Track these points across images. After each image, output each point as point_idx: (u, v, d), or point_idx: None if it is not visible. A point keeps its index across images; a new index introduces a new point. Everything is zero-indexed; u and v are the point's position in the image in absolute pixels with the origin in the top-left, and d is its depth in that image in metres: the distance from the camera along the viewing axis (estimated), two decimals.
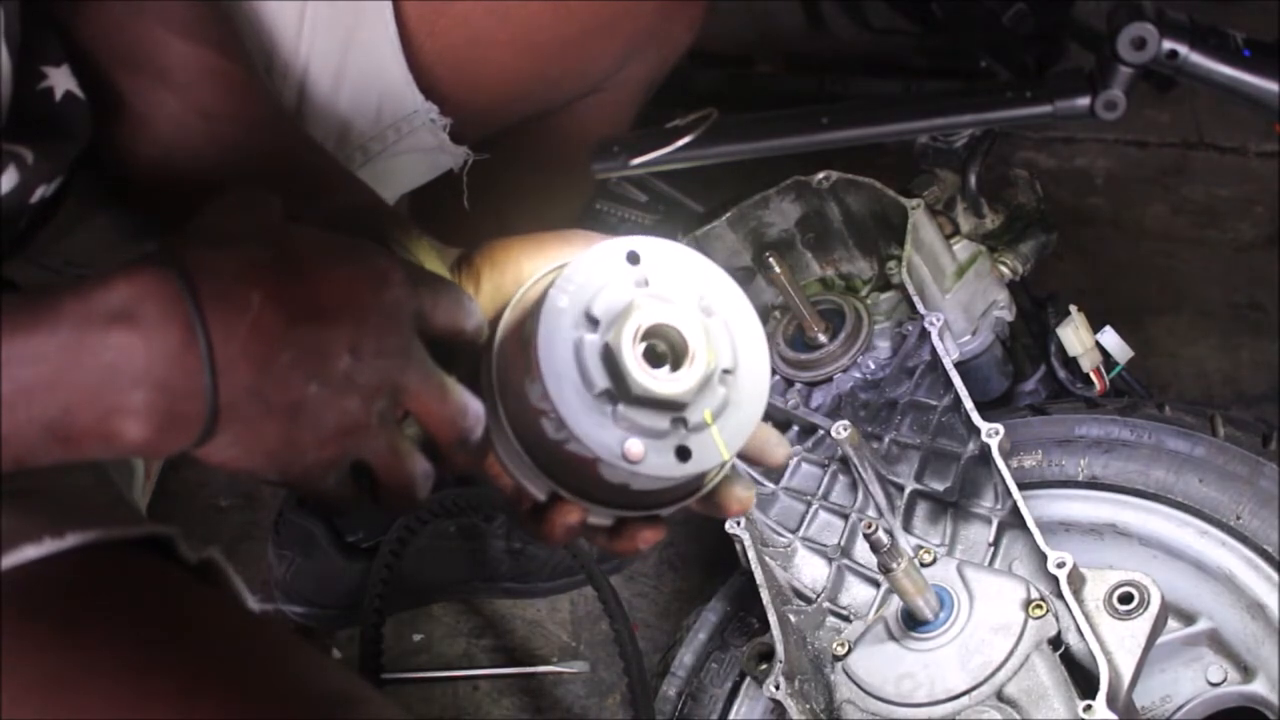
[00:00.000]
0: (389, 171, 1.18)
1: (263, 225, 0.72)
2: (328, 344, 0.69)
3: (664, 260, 0.77)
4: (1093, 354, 1.35)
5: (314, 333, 0.69)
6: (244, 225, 0.72)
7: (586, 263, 0.75)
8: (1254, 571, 1.12)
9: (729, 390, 0.77)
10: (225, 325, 0.66)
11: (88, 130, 0.90)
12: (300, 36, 1.12)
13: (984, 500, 1.17)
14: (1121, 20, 1.12)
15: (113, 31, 0.93)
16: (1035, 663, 1.03)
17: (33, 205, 0.87)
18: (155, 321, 0.65)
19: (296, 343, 0.68)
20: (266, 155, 0.98)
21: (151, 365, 0.65)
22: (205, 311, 0.66)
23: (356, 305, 0.70)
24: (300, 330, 0.68)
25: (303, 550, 1.51)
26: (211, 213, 0.72)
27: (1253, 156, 1.97)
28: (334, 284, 0.70)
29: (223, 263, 0.68)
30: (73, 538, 0.73)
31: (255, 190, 0.74)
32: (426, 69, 1.16)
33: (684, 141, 1.25)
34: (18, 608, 0.69)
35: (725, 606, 1.27)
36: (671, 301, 0.76)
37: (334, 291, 0.70)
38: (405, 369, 0.72)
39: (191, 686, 0.68)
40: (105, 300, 0.65)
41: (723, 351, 0.77)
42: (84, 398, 0.65)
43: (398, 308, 0.72)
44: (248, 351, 0.67)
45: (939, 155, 1.38)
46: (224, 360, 0.66)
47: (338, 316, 0.70)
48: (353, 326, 0.70)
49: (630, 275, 0.76)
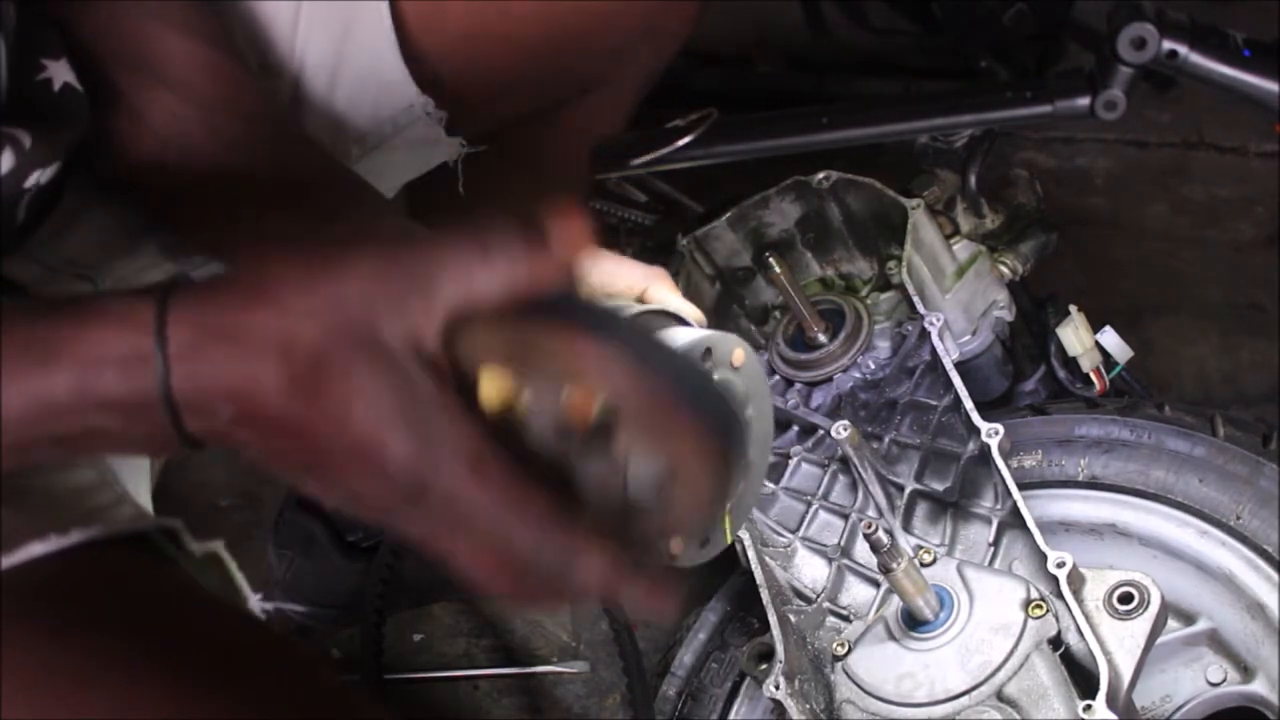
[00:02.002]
0: (385, 165, 1.18)
1: (302, 324, 0.61)
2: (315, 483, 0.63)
3: (726, 354, 0.77)
4: (1093, 354, 1.35)
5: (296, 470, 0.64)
6: (276, 314, 0.62)
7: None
8: (1254, 571, 1.12)
9: (742, 482, 0.79)
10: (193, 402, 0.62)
11: (86, 120, 0.90)
12: (296, 33, 1.12)
13: (984, 500, 1.17)
14: (1121, 20, 1.12)
15: (110, 27, 0.93)
16: (1035, 663, 1.03)
17: (28, 191, 0.87)
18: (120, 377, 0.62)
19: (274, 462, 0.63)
20: (262, 152, 0.98)
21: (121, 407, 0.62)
22: (173, 391, 0.61)
23: (361, 465, 0.61)
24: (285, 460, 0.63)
25: (303, 550, 1.52)
26: (275, 274, 0.63)
27: (1253, 156, 1.97)
28: (334, 438, 0.61)
29: (215, 354, 0.61)
30: (77, 534, 0.73)
31: (341, 281, 0.63)
32: (423, 63, 1.17)
33: (684, 141, 1.25)
34: (18, 607, 0.69)
35: (725, 606, 1.27)
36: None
37: (334, 446, 0.61)
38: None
39: (188, 688, 0.68)
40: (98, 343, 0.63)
41: (751, 449, 0.79)
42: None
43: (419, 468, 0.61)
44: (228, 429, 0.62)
45: (939, 155, 1.38)
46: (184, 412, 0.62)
47: (331, 468, 0.62)
48: (358, 479, 0.62)
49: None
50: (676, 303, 0.86)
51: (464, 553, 0.63)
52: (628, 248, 1.70)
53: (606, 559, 0.62)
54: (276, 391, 0.60)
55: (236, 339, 0.61)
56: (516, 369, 0.63)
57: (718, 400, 0.64)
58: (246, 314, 0.61)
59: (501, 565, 0.62)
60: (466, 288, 0.62)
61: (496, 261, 0.62)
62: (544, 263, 0.62)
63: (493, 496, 0.61)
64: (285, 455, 0.62)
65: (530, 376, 0.63)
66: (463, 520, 0.61)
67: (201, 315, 0.62)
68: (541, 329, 0.62)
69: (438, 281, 0.61)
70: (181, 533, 0.79)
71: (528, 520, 0.61)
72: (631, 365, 0.61)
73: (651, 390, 0.61)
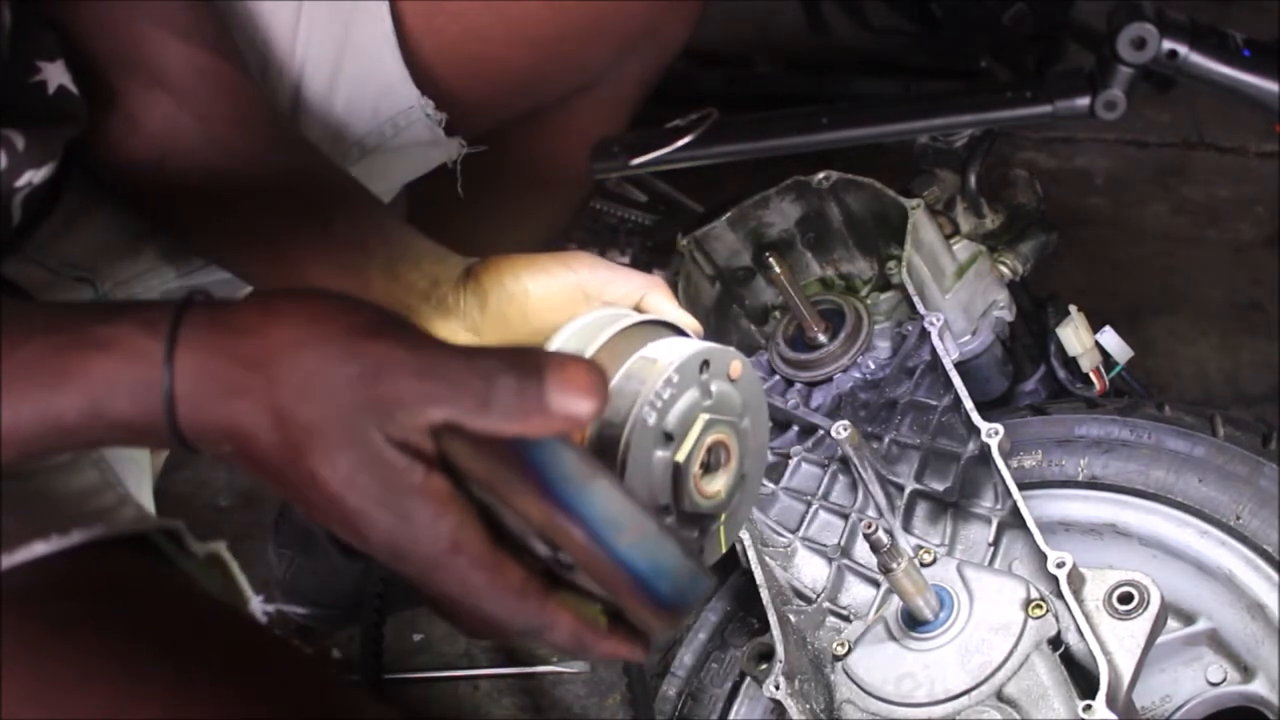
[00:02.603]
0: (385, 165, 1.18)
1: (293, 373, 0.64)
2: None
3: (723, 366, 0.80)
4: (1092, 354, 1.35)
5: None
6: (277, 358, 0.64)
7: (673, 372, 0.77)
8: (1254, 571, 1.12)
9: (738, 493, 0.82)
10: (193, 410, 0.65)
11: (81, 121, 0.90)
12: (296, 36, 1.12)
13: (984, 500, 1.17)
14: (1121, 20, 1.12)
15: (107, 31, 0.93)
16: (1035, 663, 1.03)
17: (20, 189, 0.87)
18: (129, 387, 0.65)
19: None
20: (258, 157, 0.98)
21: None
22: (176, 398, 0.64)
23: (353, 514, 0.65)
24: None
25: (303, 550, 1.52)
26: (276, 318, 0.65)
27: (1253, 156, 1.97)
28: (326, 486, 0.64)
29: (218, 401, 0.64)
30: (78, 535, 0.73)
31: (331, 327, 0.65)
32: (423, 64, 1.17)
33: (684, 141, 1.25)
34: (19, 607, 0.69)
35: (725, 606, 1.27)
36: (729, 417, 0.79)
37: (324, 494, 0.64)
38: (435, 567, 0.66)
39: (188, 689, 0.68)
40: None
41: (746, 460, 0.81)
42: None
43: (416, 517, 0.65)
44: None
45: (939, 155, 1.38)
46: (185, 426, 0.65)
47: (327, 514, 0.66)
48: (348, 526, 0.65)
49: (699, 386, 0.78)
50: (674, 313, 0.87)
51: (441, 600, 0.67)
52: (628, 248, 1.70)
53: (576, 625, 0.67)
54: (270, 445, 0.64)
55: (236, 393, 0.64)
56: (489, 499, 0.66)
57: (674, 567, 0.66)
58: (245, 372, 0.64)
59: (475, 619, 0.67)
60: (457, 422, 0.64)
61: (492, 412, 0.63)
62: (537, 421, 0.64)
63: (467, 574, 0.65)
64: (280, 492, 0.66)
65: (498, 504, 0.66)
66: (440, 584, 0.66)
67: (205, 358, 0.65)
68: (516, 481, 0.64)
69: (429, 409, 0.63)
70: (183, 534, 0.79)
71: (501, 594, 0.65)
72: (589, 548, 0.64)
73: (605, 574, 0.65)
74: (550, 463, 0.64)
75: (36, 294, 0.99)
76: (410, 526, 0.64)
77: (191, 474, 1.71)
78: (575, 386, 0.63)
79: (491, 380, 0.63)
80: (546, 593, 0.67)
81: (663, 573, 0.65)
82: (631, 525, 0.65)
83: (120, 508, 0.82)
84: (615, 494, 0.65)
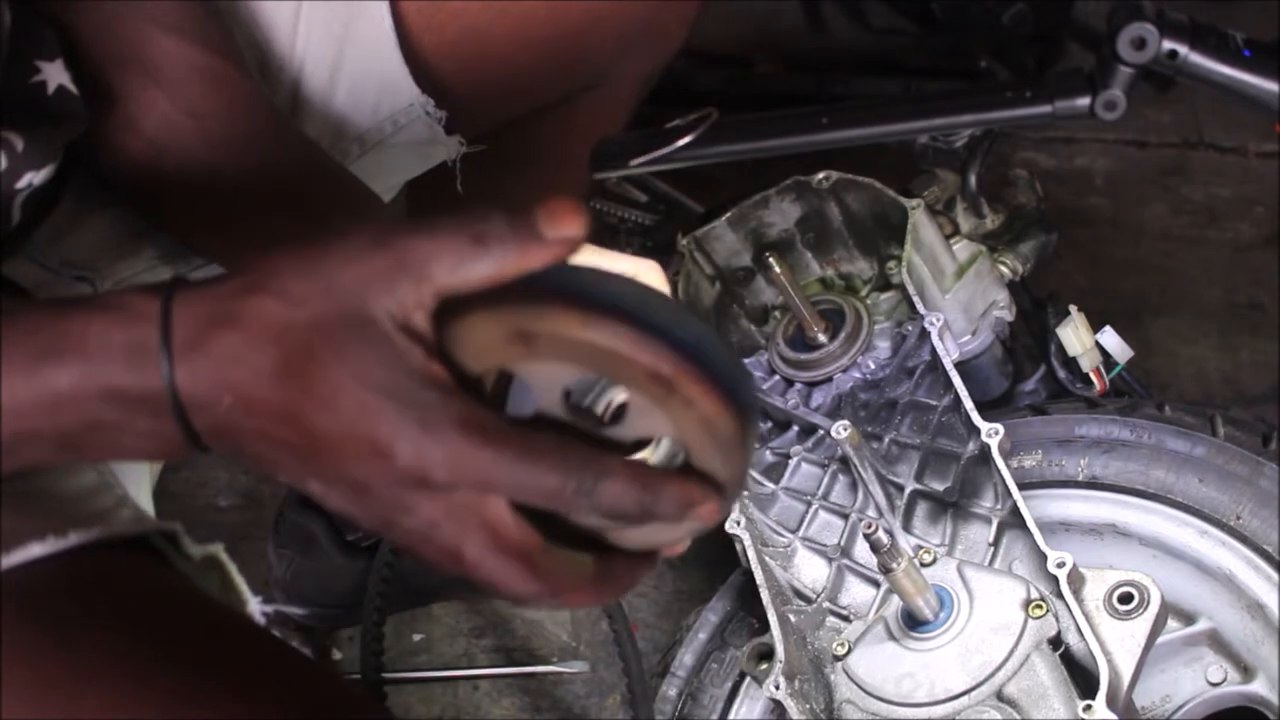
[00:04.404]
0: (385, 164, 1.18)
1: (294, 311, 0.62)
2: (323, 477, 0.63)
3: None
4: (1093, 354, 1.35)
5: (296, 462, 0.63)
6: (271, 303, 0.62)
7: None
8: (1254, 571, 1.12)
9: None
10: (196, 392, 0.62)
11: (82, 122, 0.90)
12: (296, 33, 1.12)
13: (984, 500, 1.17)
14: (1121, 20, 1.12)
15: (105, 28, 0.93)
16: (1035, 663, 1.03)
17: (20, 191, 0.87)
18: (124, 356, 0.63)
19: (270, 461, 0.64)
20: (257, 156, 0.98)
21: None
22: (175, 374, 0.62)
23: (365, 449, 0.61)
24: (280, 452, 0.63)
25: (303, 550, 1.51)
26: (273, 265, 0.64)
27: (1253, 156, 1.97)
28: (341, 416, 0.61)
29: (214, 342, 0.62)
30: (76, 536, 0.73)
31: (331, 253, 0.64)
32: (423, 62, 1.17)
33: (684, 141, 1.25)
34: (16, 608, 0.69)
35: (725, 606, 1.27)
36: None
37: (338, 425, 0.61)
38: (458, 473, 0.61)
39: (186, 691, 0.68)
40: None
41: None
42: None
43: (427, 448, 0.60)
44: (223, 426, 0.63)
45: (939, 155, 1.38)
46: (191, 407, 0.62)
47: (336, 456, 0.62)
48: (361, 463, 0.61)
49: None
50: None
51: (471, 547, 0.62)
52: (628, 248, 1.70)
53: (633, 468, 0.62)
54: (270, 375, 0.61)
55: (235, 325, 0.61)
56: (515, 352, 0.63)
57: (724, 354, 0.63)
58: (244, 301, 0.62)
59: (510, 554, 0.62)
60: (457, 273, 0.63)
61: (489, 249, 0.63)
62: (536, 251, 0.63)
63: (499, 449, 0.60)
64: (283, 446, 0.62)
65: (530, 358, 0.63)
66: (477, 483, 0.61)
67: (203, 305, 0.63)
68: (537, 305, 0.62)
69: (429, 265, 0.62)
70: (181, 535, 0.79)
71: (538, 457, 0.60)
72: (638, 335, 0.61)
73: (664, 357, 0.61)
74: (565, 281, 0.63)
75: (36, 293, 0.99)
76: (426, 415, 0.60)
77: (191, 474, 1.71)
78: (561, 212, 0.64)
79: (484, 221, 0.64)
80: (588, 444, 0.62)
81: (710, 345, 0.62)
82: (664, 306, 0.63)
83: (118, 509, 0.82)
84: (637, 284, 0.64)
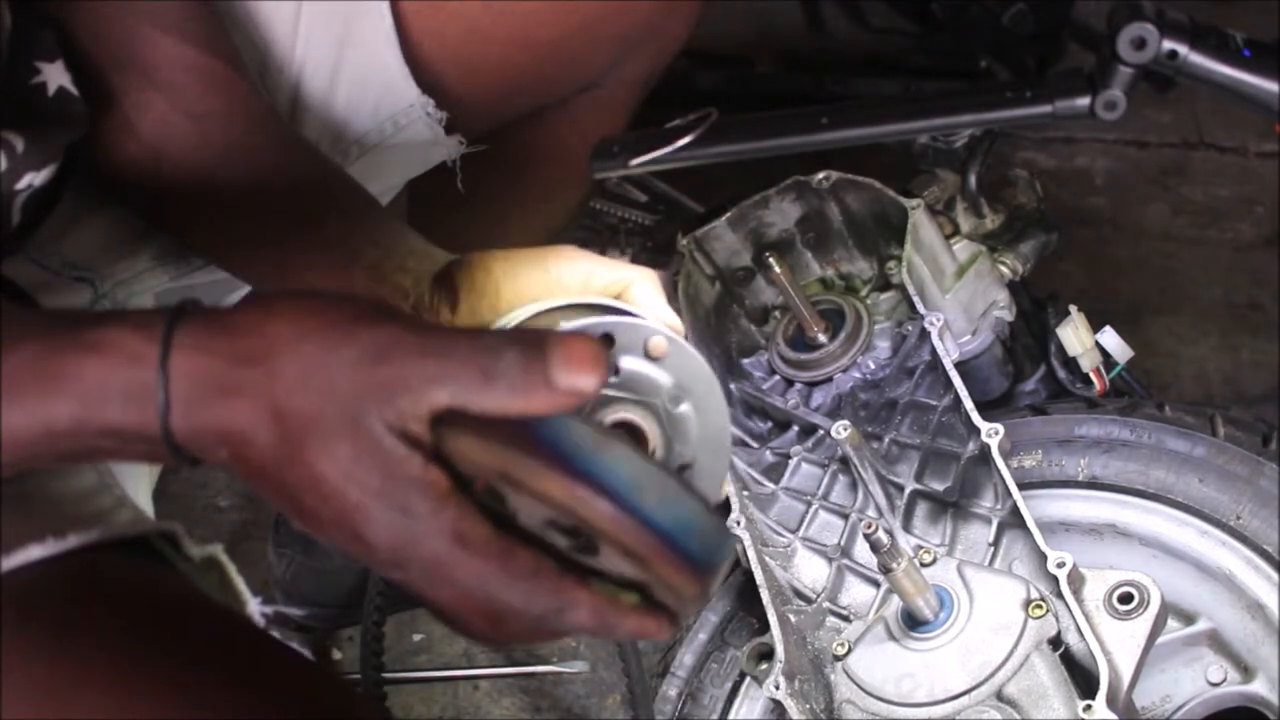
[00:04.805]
0: (385, 164, 1.18)
1: (286, 374, 0.63)
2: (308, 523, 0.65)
3: (636, 342, 0.75)
4: (1093, 354, 1.35)
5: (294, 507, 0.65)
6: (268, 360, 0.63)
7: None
8: (1254, 571, 1.12)
9: None
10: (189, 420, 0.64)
11: (82, 123, 0.90)
12: (296, 34, 1.12)
13: (984, 500, 1.17)
14: (1121, 20, 1.12)
15: (104, 29, 0.93)
16: (1035, 663, 1.03)
17: (21, 192, 0.87)
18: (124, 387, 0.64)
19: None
20: (254, 158, 0.98)
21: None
22: (171, 413, 0.63)
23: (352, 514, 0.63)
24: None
25: (303, 550, 1.51)
26: (276, 319, 0.64)
27: (1253, 156, 1.97)
28: (326, 487, 0.62)
29: (212, 403, 0.63)
30: (75, 538, 0.73)
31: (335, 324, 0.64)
32: (424, 63, 1.17)
33: (684, 141, 1.25)
34: (16, 610, 0.69)
35: (725, 606, 1.27)
36: (636, 396, 0.74)
37: (324, 496, 0.63)
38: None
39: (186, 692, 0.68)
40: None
41: (684, 446, 0.76)
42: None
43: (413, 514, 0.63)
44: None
45: (939, 155, 1.38)
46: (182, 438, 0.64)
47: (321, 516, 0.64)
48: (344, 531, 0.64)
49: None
50: (653, 305, 0.83)
51: (447, 602, 0.65)
52: (628, 248, 1.70)
53: (598, 601, 0.64)
54: (267, 445, 0.62)
55: (232, 393, 0.63)
56: (502, 484, 0.64)
57: (706, 529, 0.64)
58: (244, 372, 0.63)
59: (485, 615, 0.64)
60: (458, 401, 0.62)
61: (496, 387, 0.62)
62: (543, 397, 0.63)
63: (477, 563, 0.62)
64: (275, 498, 0.64)
65: (516, 494, 0.64)
66: (447, 581, 0.63)
67: (202, 359, 0.63)
68: (531, 460, 0.62)
69: (431, 389, 0.62)
70: (181, 536, 0.79)
71: (513, 577, 0.63)
72: (616, 515, 0.62)
73: (636, 540, 0.62)
74: (561, 437, 0.62)
75: (36, 294, 0.99)
76: (411, 521, 0.62)
77: (191, 474, 1.71)
78: (578, 360, 0.62)
79: (496, 356, 0.62)
80: (562, 572, 0.64)
81: (691, 531, 0.63)
82: (654, 486, 0.62)
83: (118, 510, 0.82)
84: (633, 457, 0.63)
